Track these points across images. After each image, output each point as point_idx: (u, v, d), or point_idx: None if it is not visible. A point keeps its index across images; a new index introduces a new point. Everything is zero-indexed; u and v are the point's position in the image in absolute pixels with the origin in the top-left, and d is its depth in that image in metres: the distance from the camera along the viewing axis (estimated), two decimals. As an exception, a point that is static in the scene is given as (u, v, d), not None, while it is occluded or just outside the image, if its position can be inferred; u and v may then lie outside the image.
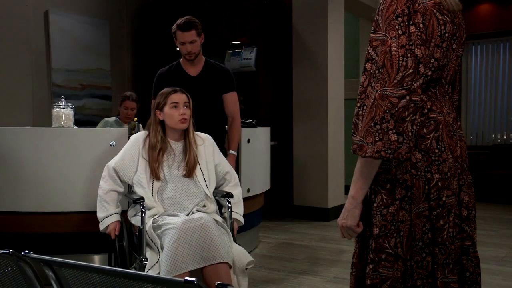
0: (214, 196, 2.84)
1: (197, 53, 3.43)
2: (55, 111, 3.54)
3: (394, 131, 1.43)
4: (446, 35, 1.52)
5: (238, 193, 2.90)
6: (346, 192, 1.76)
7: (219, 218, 2.69)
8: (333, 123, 5.81)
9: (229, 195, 2.80)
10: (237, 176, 2.98)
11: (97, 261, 3.61)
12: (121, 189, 2.80)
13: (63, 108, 3.55)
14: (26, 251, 1.27)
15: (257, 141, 4.49)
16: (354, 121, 1.51)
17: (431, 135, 1.53)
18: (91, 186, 3.45)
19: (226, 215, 2.79)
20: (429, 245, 1.55)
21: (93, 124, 5.04)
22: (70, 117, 3.57)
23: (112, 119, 4.95)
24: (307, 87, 5.81)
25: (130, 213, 2.79)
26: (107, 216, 2.72)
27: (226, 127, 3.58)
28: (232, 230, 2.74)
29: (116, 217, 2.74)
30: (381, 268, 1.54)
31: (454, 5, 1.56)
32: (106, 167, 2.82)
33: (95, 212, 2.77)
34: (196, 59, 3.46)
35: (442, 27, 1.51)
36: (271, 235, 5.06)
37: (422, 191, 1.53)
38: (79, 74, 5.72)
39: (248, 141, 4.30)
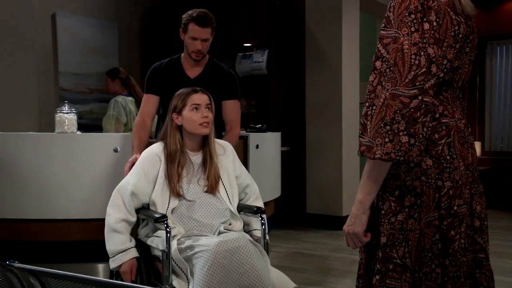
0: (239, 212, 2.54)
1: (205, 53, 3.13)
2: (58, 116, 3.48)
3: (405, 132, 1.38)
4: (460, 36, 1.47)
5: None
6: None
7: (250, 238, 2.39)
8: (347, 128, 5.65)
9: (260, 211, 2.46)
10: (258, 189, 2.68)
11: (101, 270, 3.53)
12: (134, 219, 2.44)
13: (66, 113, 3.50)
14: (11, 260, 1.22)
15: (266, 146, 4.38)
16: (362, 121, 1.46)
17: (443, 141, 1.48)
18: (94, 192, 3.38)
19: (257, 233, 2.49)
20: (439, 256, 1.50)
21: (101, 129, 4.95)
22: (73, 122, 3.51)
23: (128, 99, 4.76)
24: (321, 91, 5.67)
25: (142, 232, 2.46)
26: (123, 250, 2.32)
27: (223, 132, 3.21)
28: (267, 250, 2.39)
29: (134, 253, 2.35)
30: (388, 279, 1.50)
31: (469, 9, 1.50)
32: (117, 192, 2.45)
33: (99, 220, 2.60)
34: (202, 59, 3.15)
35: (456, 27, 1.46)
36: (282, 244, 4.93)
37: (432, 199, 1.47)
38: (87, 78, 5.66)
39: (257, 146, 4.19)
